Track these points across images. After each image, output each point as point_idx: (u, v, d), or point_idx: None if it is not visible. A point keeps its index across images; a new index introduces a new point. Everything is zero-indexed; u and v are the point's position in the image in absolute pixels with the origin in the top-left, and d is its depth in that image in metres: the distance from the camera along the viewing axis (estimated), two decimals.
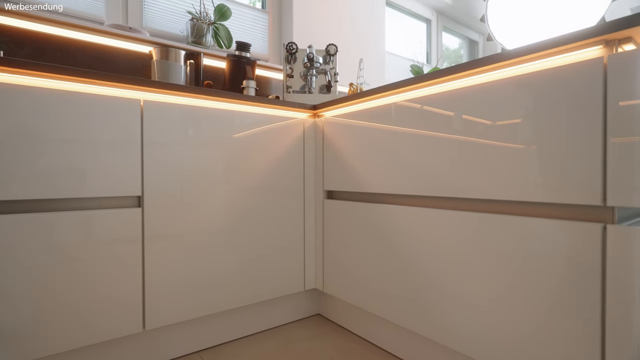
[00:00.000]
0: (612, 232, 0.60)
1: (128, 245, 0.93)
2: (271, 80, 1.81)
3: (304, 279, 1.29)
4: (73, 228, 0.85)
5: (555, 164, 0.67)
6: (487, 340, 0.78)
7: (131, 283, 0.93)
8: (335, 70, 1.52)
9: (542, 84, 0.68)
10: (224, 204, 1.09)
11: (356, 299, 1.14)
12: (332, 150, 1.23)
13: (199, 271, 1.04)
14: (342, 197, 1.23)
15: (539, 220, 0.69)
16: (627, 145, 0.58)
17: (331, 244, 1.24)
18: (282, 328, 1.28)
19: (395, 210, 1.01)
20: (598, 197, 0.62)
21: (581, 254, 0.64)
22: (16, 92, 0.79)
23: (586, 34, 0.63)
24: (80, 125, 0.86)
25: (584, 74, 0.63)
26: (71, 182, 0.85)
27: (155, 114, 0.96)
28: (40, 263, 0.81)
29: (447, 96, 0.87)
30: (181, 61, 1.32)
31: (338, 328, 1.27)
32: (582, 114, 0.63)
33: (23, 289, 0.79)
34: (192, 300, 1.03)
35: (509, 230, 0.74)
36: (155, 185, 0.96)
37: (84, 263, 0.86)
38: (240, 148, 1.12)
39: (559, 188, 0.66)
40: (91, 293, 0.87)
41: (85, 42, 1.32)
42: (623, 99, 0.59)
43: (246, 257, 1.14)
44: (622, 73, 0.59)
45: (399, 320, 0.99)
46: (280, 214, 1.22)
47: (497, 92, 0.76)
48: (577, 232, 0.64)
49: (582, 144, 0.63)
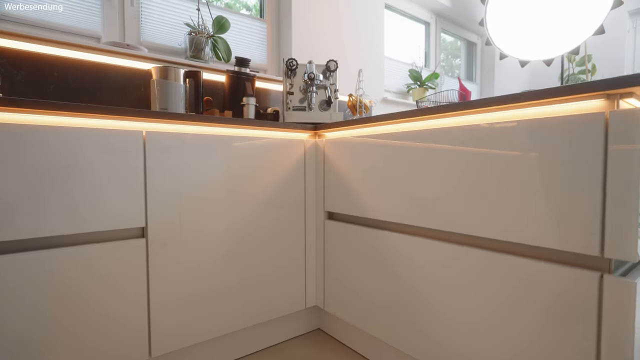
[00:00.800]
0: (609, 282, 0.62)
1: (133, 276, 0.94)
2: (270, 92, 1.80)
3: (305, 297, 1.31)
4: (77, 263, 0.86)
5: (556, 211, 0.68)
6: None
7: (137, 311, 0.94)
8: (335, 87, 1.52)
9: (545, 131, 0.69)
10: (225, 227, 1.10)
11: (356, 319, 1.17)
12: (333, 172, 1.24)
13: (203, 296, 1.06)
14: (343, 219, 1.24)
15: (538, 264, 0.71)
16: (626, 199, 0.60)
17: (332, 264, 1.26)
18: (283, 345, 1.30)
19: (394, 238, 1.02)
20: (596, 248, 0.63)
21: (577, 301, 0.66)
22: (19, 130, 0.78)
23: (590, 88, 0.64)
24: (83, 160, 0.86)
25: (587, 127, 0.64)
26: (76, 218, 0.85)
27: (157, 144, 0.96)
28: (50, 297, 0.82)
29: (448, 131, 0.87)
30: (180, 80, 1.31)
31: (339, 345, 1.30)
32: (583, 165, 0.65)
33: (33, 322, 0.80)
34: (196, 325, 1.05)
35: (504, 270, 0.76)
36: (158, 215, 0.97)
37: (90, 295, 0.87)
38: (241, 171, 1.12)
39: (558, 235, 0.68)
40: (98, 323, 0.89)
41: (83, 61, 1.30)
42: (623, 156, 0.60)
43: (248, 277, 1.15)
44: (623, 129, 0.60)
45: (400, 345, 1.02)
46: (282, 234, 1.23)
47: (499, 133, 0.77)
48: (574, 279, 0.66)
49: (582, 195, 0.65)
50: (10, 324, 0.78)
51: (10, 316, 0.78)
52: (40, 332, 0.82)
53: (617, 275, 0.62)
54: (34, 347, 0.81)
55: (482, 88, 3.43)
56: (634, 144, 0.59)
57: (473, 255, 0.83)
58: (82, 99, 1.30)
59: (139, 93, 1.41)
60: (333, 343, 1.31)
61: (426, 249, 0.94)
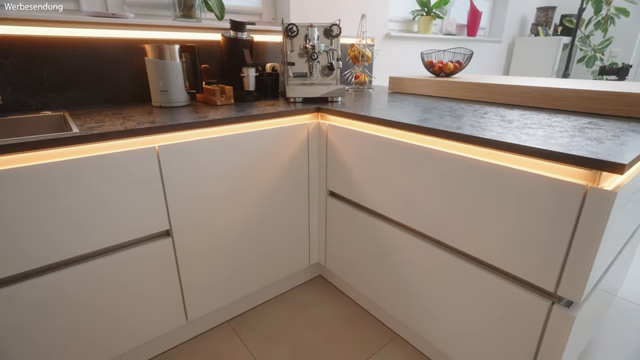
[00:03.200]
0: (556, 310, 0.80)
1: (165, 265, 1.10)
2: (267, 45, 1.69)
3: (309, 257, 1.52)
4: (123, 264, 1.01)
5: (529, 251, 0.81)
6: (454, 338, 1.05)
7: (172, 290, 1.14)
8: (338, 53, 1.44)
9: (534, 187, 0.77)
10: (238, 214, 1.22)
11: (351, 279, 1.39)
12: (335, 156, 1.30)
13: (226, 269, 1.25)
14: (344, 200, 1.36)
15: (505, 282, 0.87)
16: (584, 258, 0.73)
17: (332, 233, 1.43)
18: (292, 292, 1.57)
19: (389, 229, 1.16)
20: (552, 286, 0.79)
21: (529, 317, 0.84)
22: (46, 171, 0.83)
23: (578, 161, 0.69)
24: (112, 185, 0.92)
25: (567, 193, 0.72)
26: (118, 231, 0.96)
27: (170, 154, 1.01)
28: (109, 290, 0.99)
29: (436, 156, 0.93)
30: (177, 57, 1.25)
31: (337, 292, 1.57)
32: (559, 225, 0.75)
33: (101, 306, 1.00)
34: (221, 293, 1.27)
35: (478, 279, 0.93)
36: (179, 216, 1.08)
37: (136, 285, 1.05)
38: (248, 162, 1.18)
39: (527, 269, 0.82)
40: (144, 304, 1.09)
41: (74, 39, 1.21)
42: (590, 224, 0.70)
43: (261, 250, 1.33)
44: (595, 205, 0.69)
45: (384, 305, 1.26)
46: (289, 210, 1.36)
47: (494, 178, 0.84)
48: (531, 301, 0.83)
49: (552, 245, 0.77)
50: (87, 308, 0.97)
51: (89, 302, 0.96)
52: (108, 311, 1.01)
53: (563, 305, 0.79)
54: (107, 321, 1.02)
55: (495, 4, 3.14)
56: (602, 217, 0.68)
57: (455, 262, 0.98)
58: (77, 80, 1.25)
59: (133, 66, 1.35)
60: (332, 290, 1.58)
61: (417, 246, 1.09)
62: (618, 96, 1.10)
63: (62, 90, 1.24)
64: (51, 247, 0.88)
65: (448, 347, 1.08)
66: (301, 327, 1.37)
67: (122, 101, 1.37)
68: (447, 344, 1.08)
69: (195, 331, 1.32)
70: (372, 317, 1.42)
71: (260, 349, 1.26)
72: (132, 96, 1.38)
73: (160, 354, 1.24)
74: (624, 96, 1.09)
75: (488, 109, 1.25)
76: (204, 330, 1.35)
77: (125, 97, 1.37)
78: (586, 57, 3.02)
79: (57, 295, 0.92)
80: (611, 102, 1.12)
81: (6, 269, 0.84)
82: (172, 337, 1.26)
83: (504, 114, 1.16)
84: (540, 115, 1.13)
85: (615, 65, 2.67)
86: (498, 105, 1.33)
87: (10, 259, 0.84)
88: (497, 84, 1.38)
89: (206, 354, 1.24)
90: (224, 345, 1.28)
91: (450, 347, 1.07)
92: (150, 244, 1.05)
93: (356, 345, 1.29)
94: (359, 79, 1.85)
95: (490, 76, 1.78)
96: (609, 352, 1.26)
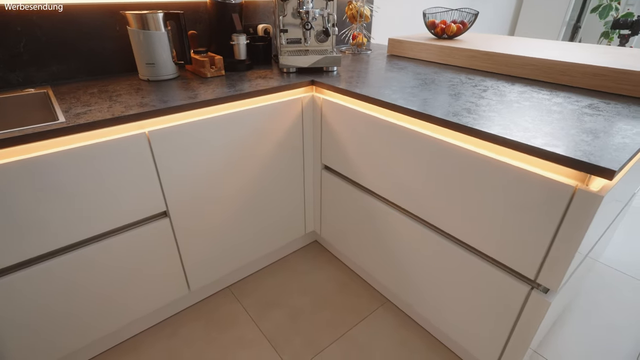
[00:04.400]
0: (534, 295, 0.85)
1: (165, 243, 1.14)
2: (259, 4, 1.57)
3: (304, 226, 1.57)
4: (126, 243, 1.04)
5: (515, 241, 0.84)
6: (435, 308, 1.13)
7: (173, 265, 1.19)
8: (334, 18, 1.35)
9: (528, 185, 0.78)
10: (235, 189, 1.23)
11: (344, 248, 1.46)
12: (329, 132, 1.28)
13: (225, 242, 1.30)
14: (337, 175, 1.37)
15: (491, 267, 0.92)
16: (565, 251, 0.76)
17: (327, 204, 1.46)
18: (289, 257, 1.64)
19: (380, 206, 1.19)
20: (533, 274, 0.83)
21: (508, 299, 0.90)
22: (46, 163, 0.83)
23: (570, 162, 0.69)
24: (104, 173, 0.92)
25: (556, 192, 0.73)
26: (120, 216, 0.98)
27: (160, 139, 0.99)
28: (112, 266, 1.05)
29: (426, 140, 0.92)
30: (161, 26, 1.17)
31: (332, 257, 1.64)
32: (545, 220, 0.77)
33: (109, 281, 1.06)
34: (221, 264, 1.33)
35: (466, 262, 0.97)
36: (175, 196, 1.09)
37: (139, 262, 1.10)
38: (242, 140, 1.17)
39: (511, 257, 0.86)
40: (148, 279, 1.15)
41: (43, 10, 1.12)
42: (574, 223, 0.72)
43: (259, 221, 1.37)
44: (582, 206, 0.70)
45: (377, 275, 1.33)
46: (285, 183, 1.38)
47: (470, 163, 0.84)
48: (512, 285, 0.88)
49: (537, 238, 0.80)
50: (99, 285, 1.03)
51: (94, 280, 1.02)
52: (114, 288, 1.08)
53: (541, 291, 0.84)
54: (111, 299, 1.09)
55: None
56: (586, 218, 0.70)
57: (441, 242, 1.02)
58: (58, 52, 1.19)
59: (115, 34, 1.27)
60: (327, 256, 1.66)
61: (406, 224, 1.12)
62: (621, 74, 1.06)
63: (43, 64, 1.18)
64: (55, 235, 0.91)
65: (431, 315, 1.16)
66: (297, 291, 1.46)
67: (107, 72, 1.31)
68: (431, 313, 1.16)
69: (199, 297, 1.41)
70: (365, 282, 1.51)
71: (259, 313, 1.36)
72: (118, 67, 1.32)
73: (168, 318, 1.34)
74: (628, 74, 1.05)
75: (489, 83, 1.21)
76: (207, 295, 1.43)
77: (111, 68, 1.31)
78: (601, 7, 2.83)
79: (69, 276, 0.97)
80: (615, 80, 1.08)
81: (11, 257, 0.87)
82: (177, 304, 1.35)
83: (504, 90, 1.13)
84: (541, 93, 1.10)
85: (630, 18, 2.52)
86: (500, 78, 1.28)
87: (14, 248, 0.87)
88: (501, 53, 1.31)
89: (209, 318, 1.34)
90: (225, 309, 1.38)
91: (434, 315, 1.15)
92: (149, 224, 1.08)
93: (349, 309, 1.39)
94: (357, 39, 1.75)
95: (496, 37, 1.68)
96: (583, 317, 1.36)
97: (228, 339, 1.26)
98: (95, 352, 1.19)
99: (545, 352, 1.22)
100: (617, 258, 1.65)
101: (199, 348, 1.23)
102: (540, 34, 3.12)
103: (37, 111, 1.10)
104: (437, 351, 1.22)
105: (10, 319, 0.92)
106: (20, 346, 0.97)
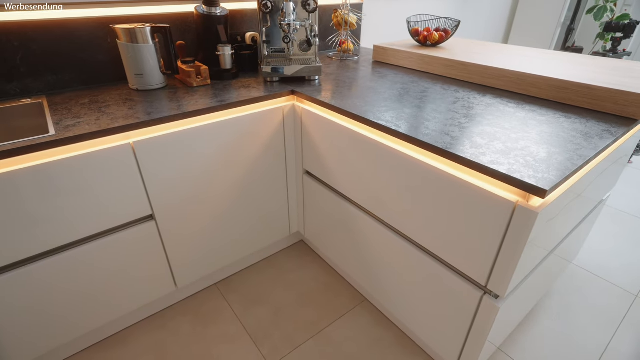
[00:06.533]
0: (485, 300, 0.91)
1: (152, 245, 1.22)
2: (246, 12, 1.63)
3: (289, 227, 1.64)
4: (113, 245, 1.13)
5: (468, 250, 0.90)
6: (408, 309, 1.21)
7: (160, 265, 1.27)
8: (315, 29, 1.40)
9: (477, 199, 0.84)
10: (219, 193, 1.30)
11: (326, 249, 1.53)
12: (308, 139, 1.35)
13: (211, 243, 1.37)
14: (317, 180, 1.43)
15: (448, 272, 0.98)
16: (509, 260, 0.82)
17: (309, 208, 1.53)
18: (275, 256, 1.72)
19: (355, 212, 1.26)
20: (484, 280, 0.89)
21: (463, 302, 0.96)
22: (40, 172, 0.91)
23: (509, 180, 0.75)
24: (90, 181, 1.00)
25: (499, 207, 0.79)
26: (106, 220, 1.06)
27: (145, 148, 1.07)
28: (101, 267, 1.13)
29: (387, 151, 0.98)
30: (149, 39, 1.24)
31: (316, 257, 1.72)
32: (493, 232, 0.83)
33: (97, 282, 1.14)
34: (209, 261, 1.41)
35: (426, 266, 1.04)
36: (160, 201, 1.17)
37: (126, 264, 1.18)
38: (224, 147, 1.24)
39: (466, 265, 0.93)
40: (135, 278, 1.23)
41: (40, 21, 1.19)
42: (516, 234, 0.78)
43: (244, 223, 1.44)
44: (521, 221, 0.76)
45: (354, 275, 1.41)
46: (268, 186, 1.45)
47: (425, 175, 0.90)
48: (467, 290, 0.95)
49: (486, 247, 0.86)
50: (86, 284, 1.12)
51: (87, 279, 1.11)
52: (101, 288, 1.16)
53: (492, 297, 0.91)
54: (97, 297, 1.17)
55: None
56: (525, 232, 0.76)
57: (407, 248, 1.09)
58: (52, 63, 1.26)
59: (106, 45, 1.34)
60: (312, 255, 1.73)
61: (377, 230, 1.18)
62: (584, 88, 1.11)
63: (39, 75, 1.25)
64: (43, 238, 0.99)
65: (401, 314, 1.23)
66: (281, 289, 1.54)
67: (100, 81, 1.38)
68: (401, 312, 1.23)
69: (187, 293, 1.49)
70: (345, 282, 1.58)
71: (243, 309, 1.44)
72: (109, 76, 1.39)
73: (157, 313, 1.43)
74: (589, 89, 1.09)
75: (461, 95, 1.26)
76: (195, 292, 1.52)
77: (102, 78, 1.38)
78: (596, 8, 2.83)
79: (58, 276, 1.05)
80: (578, 94, 1.12)
81: (9, 256, 0.96)
82: (165, 300, 1.43)
83: (473, 102, 1.18)
84: (508, 106, 1.15)
85: (623, 20, 2.52)
86: (474, 88, 1.33)
87: (7, 249, 0.95)
88: (475, 63, 1.36)
89: (195, 313, 1.43)
90: (210, 305, 1.46)
91: (403, 314, 1.22)
92: (136, 227, 1.16)
93: (329, 306, 1.46)
94: (344, 46, 1.80)
95: (480, 45, 1.72)
96: (551, 317, 1.42)
97: (212, 333, 1.34)
98: (84, 346, 1.29)
99: (510, 350, 1.28)
100: (591, 260, 1.70)
101: (184, 342, 1.31)
102: (535, 35, 3.13)
103: (32, 120, 1.18)
104: (408, 348, 1.29)
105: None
106: (4, 343, 1.06)
